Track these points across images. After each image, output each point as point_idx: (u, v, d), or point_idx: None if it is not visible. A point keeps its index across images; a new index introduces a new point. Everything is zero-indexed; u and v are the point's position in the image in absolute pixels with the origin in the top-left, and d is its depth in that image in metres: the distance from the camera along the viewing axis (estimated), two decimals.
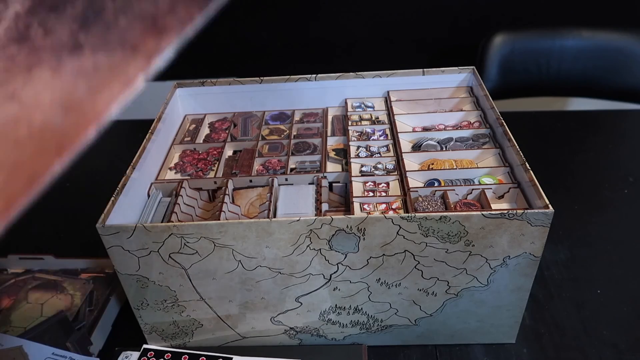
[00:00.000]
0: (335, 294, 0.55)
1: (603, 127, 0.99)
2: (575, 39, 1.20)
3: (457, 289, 0.54)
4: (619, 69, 1.19)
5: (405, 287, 0.54)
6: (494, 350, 0.59)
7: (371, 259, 0.52)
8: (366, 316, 0.58)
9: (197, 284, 0.54)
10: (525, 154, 0.56)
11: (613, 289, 0.66)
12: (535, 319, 0.63)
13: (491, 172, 0.60)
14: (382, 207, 0.57)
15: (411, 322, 0.58)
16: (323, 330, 0.59)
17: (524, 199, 0.55)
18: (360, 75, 0.75)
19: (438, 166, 0.62)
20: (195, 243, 0.51)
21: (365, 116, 0.73)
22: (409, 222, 0.49)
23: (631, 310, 0.63)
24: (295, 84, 0.75)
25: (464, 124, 0.70)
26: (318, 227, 0.49)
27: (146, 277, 0.54)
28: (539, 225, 0.49)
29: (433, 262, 0.52)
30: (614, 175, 0.85)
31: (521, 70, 1.23)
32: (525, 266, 0.52)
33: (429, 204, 0.55)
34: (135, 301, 0.56)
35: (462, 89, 0.75)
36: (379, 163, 0.64)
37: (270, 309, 0.57)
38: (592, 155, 0.91)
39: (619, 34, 1.19)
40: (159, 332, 0.59)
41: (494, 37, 1.22)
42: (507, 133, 0.60)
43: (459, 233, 0.50)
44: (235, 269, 0.53)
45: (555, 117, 1.04)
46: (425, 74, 0.75)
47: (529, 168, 0.54)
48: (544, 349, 0.59)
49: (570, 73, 1.22)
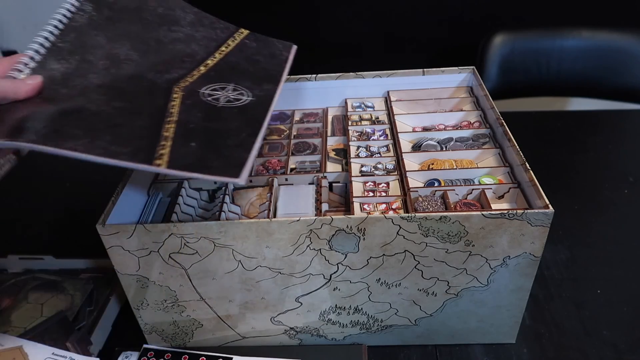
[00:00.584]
0: (335, 294, 0.55)
1: (603, 127, 0.99)
2: (575, 39, 1.20)
3: (457, 289, 0.54)
4: (619, 69, 1.19)
5: (405, 287, 0.54)
6: (494, 350, 0.60)
7: (371, 259, 0.52)
8: (366, 316, 0.58)
9: (197, 284, 0.54)
10: (525, 154, 0.56)
11: (613, 289, 0.66)
12: (535, 319, 0.63)
13: (491, 172, 0.60)
14: (382, 207, 0.57)
15: (411, 322, 0.58)
16: (323, 330, 0.59)
17: (524, 199, 0.55)
18: (360, 75, 0.75)
19: (438, 166, 0.62)
20: (195, 243, 0.51)
21: (365, 116, 0.73)
22: (409, 222, 0.49)
23: (631, 310, 0.63)
24: (295, 84, 0.75)
25: (464, 124, 0.70)
26: (318, 227, 0.50)
27: (146, 277, 0.54)
28: (539, 225, 0.49)
29: (433, 262, 0.52)
30: (614, 175, 0.86)
31: (521, 70, 1.23)
32: (525, 266, 0.52)
33: (429, 204, 0.55)
34: (135, 301, 0.56)
35: (462, 89, 0.75)
36: (379, 163, 0.64)
37: (270, 309, 0.57)
38: (592, 155, 0.91)
39: (619, 34, 1.19)
40: (159, 332, 0.60)
41: (494, 37, 1.22)
42: (507, 133, 0.60)
43: (459, 233, 0.50)
44: (235, 269, 0.53)
45: (555, 117, 1.04)
46: (425, 74, 0.75)
47: (529, 168, 0.54)
48: (544, 349, 0.59)
49: (570, 73, 1.22)
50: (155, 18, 0.57)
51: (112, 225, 0.50)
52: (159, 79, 0.51)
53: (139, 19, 0.55)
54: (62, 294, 0.66)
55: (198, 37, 0.58)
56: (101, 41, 0.51)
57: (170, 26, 0.57)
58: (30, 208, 0.87)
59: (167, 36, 0.56)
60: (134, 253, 0.52)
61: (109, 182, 0.62)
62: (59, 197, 0.90)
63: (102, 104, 0.46)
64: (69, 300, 0.65)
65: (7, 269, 0.71)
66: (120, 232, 0.50)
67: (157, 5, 0.57)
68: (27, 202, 0.89)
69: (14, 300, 0.66)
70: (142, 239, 0.51)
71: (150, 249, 0.51)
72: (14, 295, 0.66)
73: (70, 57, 0.49)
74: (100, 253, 0.56)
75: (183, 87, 0.51)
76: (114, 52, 0.51)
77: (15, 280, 0.69)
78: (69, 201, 0.89)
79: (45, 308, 0.64)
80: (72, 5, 0.52)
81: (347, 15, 1.51)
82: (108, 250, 0.52)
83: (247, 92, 0.53)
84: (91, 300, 0.65)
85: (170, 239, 0.50)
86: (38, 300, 0.65)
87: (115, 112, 0.46)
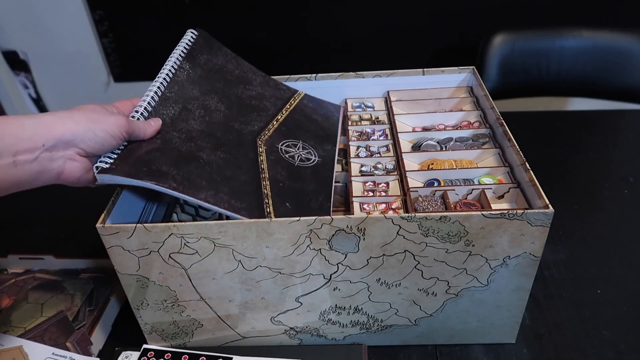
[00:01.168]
0: (335, 294, 0.55)
1: (603, 127, 0.99)
2: (575, 39, 1.20)
3: (457, 289, 0.54)
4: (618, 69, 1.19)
5: (405, 287, 0.54)
6: (494, 350, 0.60)
7: (371, 259, 0.52)
8: (366, 316, 0.58)
9: (197, 284, 0.54)
10: (525, 154, 0.56)
11: (613, 289, 0.66)
12: (535, 319, 0.63)
13: (491, 172, 0.60)
14: (381, 207, 0.57)
15: (411, 322, 0.58)
16: (323, 330, 0.59)
17: (524, 199, 0.55)
18: (360, 75, 0.75)
19: (438, 166, 0.62)
20: (195, 243, 0.51)
21: (365, 116, 0.73)
22: (409, 222, 0.49)
23: (631, 310, 0.63)
24: (295, 84, 0.75)
25: (464, 124, 0.70)
26: (318, 227, 0.50)
27: (146, 277, 0.54)
28: (539, 225, 0.49)
29: (433, 262, 0.52)
30: (614, 175, 0.86)
31: (521, 71, 1.23)
32: (525, 266, 0.52)
33: (429, 203, 0.55)
34: (135, 301, 0.56)
35: (462, 89, 0.75)
36: (378, 163, 0.64)
37: (271, 309, 0.57)
38: (592, 155, 0.91)
39: (619, 34, 1.19)
40: (159, 332, 0.60)
41: (494, 37, 1.22)
42: (507, 133, 0.60)
43: (459, 233, 0.50)
44: (235, 269, 0.53)
45: (555, 117, 1.04)
46: (425, 74, 0.75)
47: (529, 168, 0.54)
48: (544, 349, 0.59)
49: (570, 73, 1.22)
50: (234, 78, 0.67)
51: (112, 226, 0.50)
52: (244, 130, 0.61)
53: (222, 77, 0.66)
54: (62, 294, 0.66)
55: (267, 95, 0.68)
56: (196, 94, 0.61)
57: (245, 85, 0.67)
58: (30, 208, 0.87)
59: (244, 93, 0.66)
60: (134, 253, 0.52)
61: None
62: (59, 197, 0.90)
63: (209, 152, 0.55)
64: (69, 300, 0.65)
65: (7, 269, 0.71)
66: (120, 232, 0.50)
67: (234, 68, 0.68)
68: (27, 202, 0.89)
69: (14, 301, 0.66)
70: (142, 239, 0.51)
71: (150, 249, 0.51)
72: (14, 295, 0.66)
73: (175, 105, 0.58)
74: (100, 253, 0.56)
75: (264, 140, 0.61)
76: (206, 103, 0.61)
77: (15, 280, 0.69)
78: (69, 201, 0.88)
79: (45, 308, 0.64)
80: (176, 62, 0.62)
81: (347, 15, 1.51)
82: (108, 250, 0.52)
83: (313, 151, 0.63)
84: (91, 300, 0.65)
85: (170, 239, 0.50)
86: (38, 300, 0.65)
87: (222, 162, 0.55)
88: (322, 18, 1.53)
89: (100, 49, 1.66)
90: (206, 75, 0.64)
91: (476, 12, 1.46)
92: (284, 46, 1.58)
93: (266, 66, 0.73)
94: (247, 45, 1.56)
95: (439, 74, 0.75)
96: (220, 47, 0.69)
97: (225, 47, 0.70)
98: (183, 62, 0.63)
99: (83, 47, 1.67)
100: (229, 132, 0.60)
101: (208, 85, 0.63)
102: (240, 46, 1.57)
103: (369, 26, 1.53)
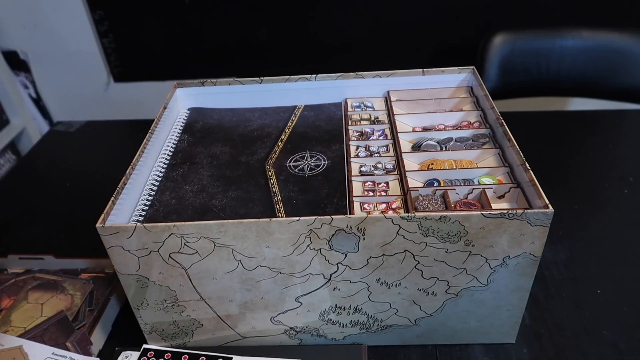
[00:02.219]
0: (335, 294, 0.55)
1: (603, 127, 0.99)
2: (575, 39, 1.20)
3: (457, 289, 0.54)
4: (618, 69, 1.19)
5: (405, 287, 0.54)
6: (494, 350, 0.60)
7: (371, 259, 0.52)
8: (366, 316, 0.58)
9: (197, 284, 0.54)
10: (525, 154, 0.56)
11: (613, 289, 0.66)
12: (535, 319, 0.63)
13: (491, 172, 0.60)
14: (381, 207, 0.57)
15: (411, 322, 0.58)
16: (323, 330, 0.59)
17: (524, 199, 0.55)
18: (360, 75, 0.75)
19: (438, 166, 0.62)
20: (195, 243, 0.51)
21: (365, 116, 0.73)
22: (409, 221, 0.49)
23: (631, 310, 0.63)
24: (295, 84, 0.75)
25: (464, 124, 0.70)
26: (318, 227, 0.50)
27: (146, 277, 0.54)
28: (539, 225, 0.49)
29: (433, 262, 0.52)
30: (614, 175, 0.86)
31: (521, 71, 1.23)
32: (525, 266, 0.52)
33: (429, 203, 0.55)
34: (135, 301, 0.56)
35: (462, 89, 0.75)
36: (378, 163, 0.64)
37: (270, 308, 0.57)
38: (592, 155, 0.91)
39: (619, 34, 1.19)
40: (159, 332, 0.60)
41: (494, 37, 1.22)
42: (507, 133, 0.60)
43: (458, 233, 0.50)
44: (235, 269, 0.53)
45: (555, 117, 1.04)
46: (425, 74, 0.75)
47: (529, 168, 0.54)
48: (544, 349, 0.59)
49: (570, 73, 1.22)
50: (232, 124, 0.73)
51: (112, 226, 0.50)
52: (251, 160, 0.65)
53: (221, 128, 0.72)
54: (62, 294, 0.66)
55: (268, 122, 0.73)
56: (201, 149, 0.68)
57: (245, 123, 0.73)
58: (30, 208, 0.87)
59: (245, 129, 0.72)
60: (134, 253, 0.52)
61: (109, 182, 0.62)
62: (59, 197, 0.90)
63: (221, 197, 0.59)
64: (69, 300, 0.65)
65: (7, 269, 0.71)
66: (120, 232, 0.50)
67: (230, 117, 0.75)
68: (27, 202, 0.89)
69: (14, 301, 0.66)
70: (142, 239, 0.51)
71: (150, 249, 0.51)
72: (14, 295, 0.66)
73: (183, 165, 0.65)
74: (100, 253, 0.56)
75: (272, 163, 0.64)
76: (211, 151, 0.67)
77: (15, 280, 0.69)
78: (69, 201, 0.89)
79: (45, 308, 0.64)
80: (175, 138, 0.70)
81: (347, 15, 1.51)
82: (108, 250, 0.52)
83: (322, 156, 0.64)
84: (91, 300, 0.65)
85: (170, 239, 0.50)
86: (38, 300, 0.65)
87: (235, 203, 0.58)
88: (322, 18, 1.53)
89: (100, 49, 1.66)
90: (206, 134, 0.71)
91: (476, 12, 1.46)
92: (284, 46, 1.58)
93: (266, 66, 0.73)
94: (247, 46, 1.56)
95: (439, 74, 0.75)
96: (212, 110, 0.76)
97: (217, 108, 0.76)
98: (182, 135, 0.71)
99: (83, 47, 1.67)
100: (238, 167, 0.64)
101: (210, 139, 0.70)
102: (240, 46, 1.57)
103: (369, 26, 1.53)
